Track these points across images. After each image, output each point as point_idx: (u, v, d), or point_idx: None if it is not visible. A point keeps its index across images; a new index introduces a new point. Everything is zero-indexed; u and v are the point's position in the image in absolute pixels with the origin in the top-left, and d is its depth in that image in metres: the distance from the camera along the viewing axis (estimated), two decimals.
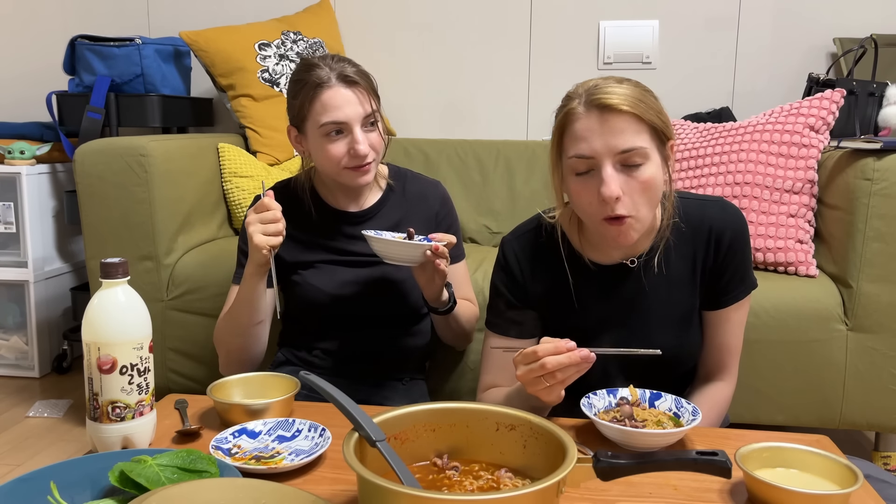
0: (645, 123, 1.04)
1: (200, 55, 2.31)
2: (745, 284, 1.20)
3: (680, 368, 1.23)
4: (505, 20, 2.54)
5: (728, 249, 1.17)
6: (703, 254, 1.18)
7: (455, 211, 1.56)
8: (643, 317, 1.18)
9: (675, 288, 1.18)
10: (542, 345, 0.98)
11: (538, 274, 1.22)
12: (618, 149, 1.03)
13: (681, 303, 1.19)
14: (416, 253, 1.26)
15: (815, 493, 0.83)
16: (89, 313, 0.94)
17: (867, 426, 1.73)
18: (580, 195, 1.08)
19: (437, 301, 1.36)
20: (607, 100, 1.03)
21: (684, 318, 1.19)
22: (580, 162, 1.06)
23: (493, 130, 2.57)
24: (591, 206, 1.07)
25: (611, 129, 1.03)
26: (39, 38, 2.79)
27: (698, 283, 1.19)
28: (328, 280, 1.43)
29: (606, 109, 1.03)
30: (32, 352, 2.45)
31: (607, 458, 0.76)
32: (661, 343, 1.12)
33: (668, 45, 2.46)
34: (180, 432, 1.02)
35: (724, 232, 1.17)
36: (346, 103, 1.31)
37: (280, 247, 1.31)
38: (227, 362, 1.44)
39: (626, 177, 1.04)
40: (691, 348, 1.22)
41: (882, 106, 2.01)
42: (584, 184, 1.07)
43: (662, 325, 1.18)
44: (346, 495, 0.87)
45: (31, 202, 2.35)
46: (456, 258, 1.51)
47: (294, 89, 1.36)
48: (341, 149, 1.33)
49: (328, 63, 1.34)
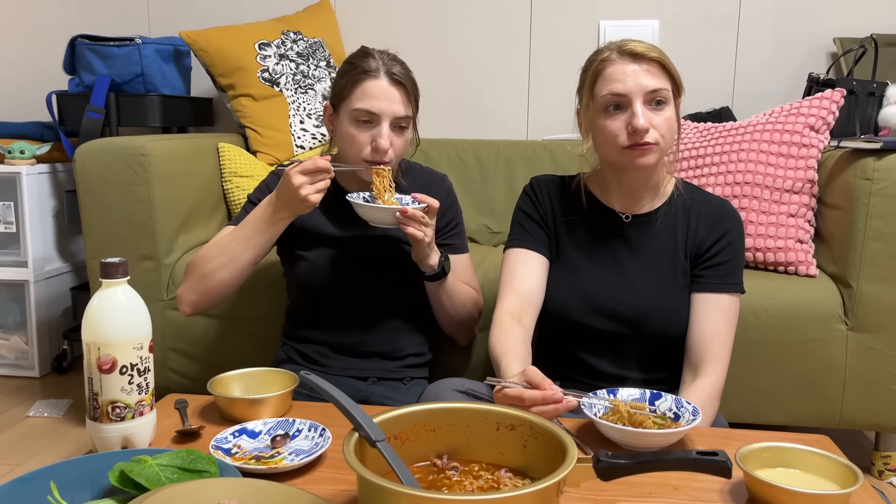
0: (667, 72, 1.24)
1: (200, 55, 2.31)
2: (734, 279, 1.29)
3: (667, 338, 1.29)
4: (505, 20, 2.54)
5: (723, 236, 1.29)
6: (697, 229, 1.31)
7: (459, 205, 1.58)
8: (637, 269, 1.30)
9: (670, 253, 1.31)
10: (529, 393, 0.97)
11: (555, 205, 1.38)
12: (648, 88, 1.21)
13: (673, 268, 1.30)
14: (387, 215, 1.31)
15: (816, 493, 0.83)
16: (89, 313, 0.94)
17: (867, 426, 1.73)
18: (610, 127, 1.23)
19: (423, 263, 1.38)
20: (638, 48, 1.22)
21: (674, 283, 1.30)
22: (613, 99, 1.22)
23: (493, 130, 2.57)
24: (619, 138, 1.22)
25: (642, 72, 1.22)
26: (39, 38, 2.79)
27: (688, 254, 1.31)
28: (330, 261, 1.45)
29: (637, 56, 1.23)
30: (32, 351, 2.45)
31: (607, 458, 0.76)
32: (650, 301, 1.28)
33: (668, 45, 2.42)
34: (180, 432, 1.03)
35: (723, 219, 1.31)
36: (383, 97, 1.35)
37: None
38: (197, 287, 1.38)
39: (651, 113, 1.22)
40: (678, 318, 1.29)
41: (882, 106, 2.01)
42: (614, 119, 1.23)
43: (653, 282, 1.29)
44: (346, 495, 0.87)
45: (31, 202, 2.35)
46: (458, 250, 1.53)
47: (343, 69, 1.41)
48: (365, 139, 1.36)
49: (382, 58, 1.39)
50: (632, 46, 1.24)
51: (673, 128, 1.25)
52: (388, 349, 1.48)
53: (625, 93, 1.21)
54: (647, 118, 1.21)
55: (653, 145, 1.22)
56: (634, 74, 1.22)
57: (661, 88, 1.23)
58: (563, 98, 2.53)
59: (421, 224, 1.31)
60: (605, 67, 1.24)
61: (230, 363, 1.45)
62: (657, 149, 1.23)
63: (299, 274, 1.47)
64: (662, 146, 1.24)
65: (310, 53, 2.39)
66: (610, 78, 1.23)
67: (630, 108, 1.22)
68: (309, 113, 2.31)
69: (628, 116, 1.22)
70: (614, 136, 1.23)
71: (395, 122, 1.37)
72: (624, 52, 1.24)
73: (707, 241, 1.30)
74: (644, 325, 1.28)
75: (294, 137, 2.27)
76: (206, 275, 1.37)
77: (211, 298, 1.40)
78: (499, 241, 2.29)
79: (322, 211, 1.47)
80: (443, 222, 1.51)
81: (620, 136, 1.23)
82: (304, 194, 1.26)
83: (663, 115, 1.23)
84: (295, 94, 2.31)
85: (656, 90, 1.22)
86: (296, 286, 1.50)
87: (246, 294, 1.76)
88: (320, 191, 1.29)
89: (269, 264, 1.62)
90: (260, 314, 1.81)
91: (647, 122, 1.20)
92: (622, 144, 1.23)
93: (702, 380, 1.23)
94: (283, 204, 1.31)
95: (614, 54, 1.24)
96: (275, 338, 1.59)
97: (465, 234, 1.58)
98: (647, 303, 1.28)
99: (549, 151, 2.31)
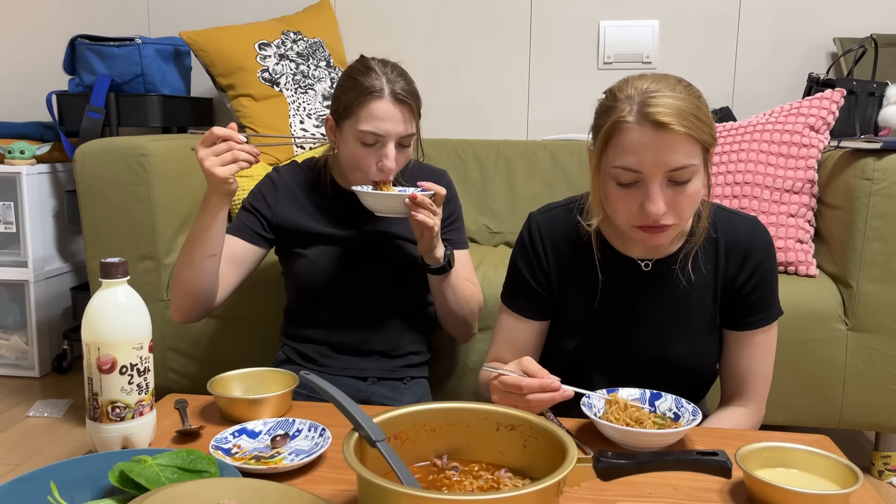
0: (698, 142, 1.01)
1: (200, 55, 2.31)
2: (769, 311, 1.16)
3: (694, 380, 1.20)
4: (505, 20, 2.54)
5: (755, 270, 1.14)
6: (726, 267, 1.15)
7: (458, 200, 1.57)
8: (660, 319, 1.16)
9: (696, 296, 1.15)
10: (527, 381, 0.97)
11: (561, 257, 1.20)
12: (669, 167, 1.00)
13: (700, 313, 1.16)
14: (396, 202, 1.29)
15: (816, 493, 0.83)
16: (89, 313, 0.94)
17: (867, 426, 1.73)
18: (620, 202, 1.05)
19: (428, 256, 1.36)
20: (662, 117, 0.98)
21: (702, 328, 1.17)
22: (626, 174, 1.02)
23: (493, 130, 2.57)
24: (629, 213, 1.05)
25: (664, 146, 0.99)
26: (39, 38, 2.79)
27: (719, 297, 1.16)
28: (329, 259, 1.45)
29: (661, 127, 0.98)
30: (32, 351, 2.45)
31: (607, 458, 0.76)
32: (675, 351, 1.13)
33: (668, 45, 2.46)
34: (180, 432, 1.02)
35: (753, 250, 1.14)
36: (390, 118, 1.33)
37: (291, 217, 1.35)
38: (176, 291, 1.37)
39: (672, 191, 1.02)
40: (706, 360, 1.19)
41: (882, 106, 2.01)
42: (626, 193, 1.04)
43: (678, 332, 1.16)
44: (346, 495, 0.87)
45: (31, 202, 2.35)
46: (458, 245, 1.52)
47: (346, 84, 1.37)
48: (371, 160, 1.35)
49: (387, 73, 1.35)
50: (656, 113, 0.98)
51: (698, 198, 1.05)
52: (387, 347, 1.49)
53: (641, 170, 1.01)
54: (665, 198, 1.01)
55: (668, 226, 1.04)
56: (655, 148, 0.99)
57: (687, 166, 1.00)
58: (564, 98, 2.54)
59: (430, 211, 1.30)
60: (621, 132, 1.02)
61: (230, 363, 1.45)
62: (674, 228, 1.05)
63: (298, 272, 1.47)
64: (681, 224, 1.06)
65: (310, 53, 2.39)
66: (625, 147, 1.01)
67: (645, 186, 1.02)
68: (309, 113, 2.31)
69: (642, 195, 1.02)
70: (625, 212, 1.05)
71: (399, 140, 1.36)
72: (646, 119, 0.99)
73: (739, 277, 1.15)
74: (666, 372, 1.15)
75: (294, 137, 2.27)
76: (177, 278, 1.35)
77: (191, 302, 1.34)
78: (499, 241, 2.29)
79: (319, 211, 1.47)
80: (443, 215, 1.50)
81: (631, 213, 1.05)
82: (208, 167, 1.19)
83: (686, 192, 1.02)
84: (295, 95, 2.31)
85: (680, 168, 1.00)
86: (294, 285, 1.50)
87: (245, 294, 1.76)
88: (227, 163, 1.20)
89: (269, 264, 1.62)
90: (260, 314, 1.81)
91: (664, 207, 1.01)
92: (632, 222, 1.06)
93: (737, 409, 1.18)
94: (208, 187, 1.24)
95: (634, 116, 1.00)
96: (275, 338, 1.59)
97: (464, 230, 1.57)
98: (670, 355, 1.16)
99: (549, 151, 2.31)
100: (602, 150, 1.05)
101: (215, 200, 1.25)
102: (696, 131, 1.00)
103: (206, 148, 1.20)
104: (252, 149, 1.23)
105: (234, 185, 1.23)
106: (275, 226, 1.47)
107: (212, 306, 1.38)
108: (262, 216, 1.46)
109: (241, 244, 1.43)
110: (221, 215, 1.28)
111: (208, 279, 1.33)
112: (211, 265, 1.32)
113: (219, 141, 1.21)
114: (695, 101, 1.02)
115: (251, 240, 1.44)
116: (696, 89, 1.05)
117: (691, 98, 1.02)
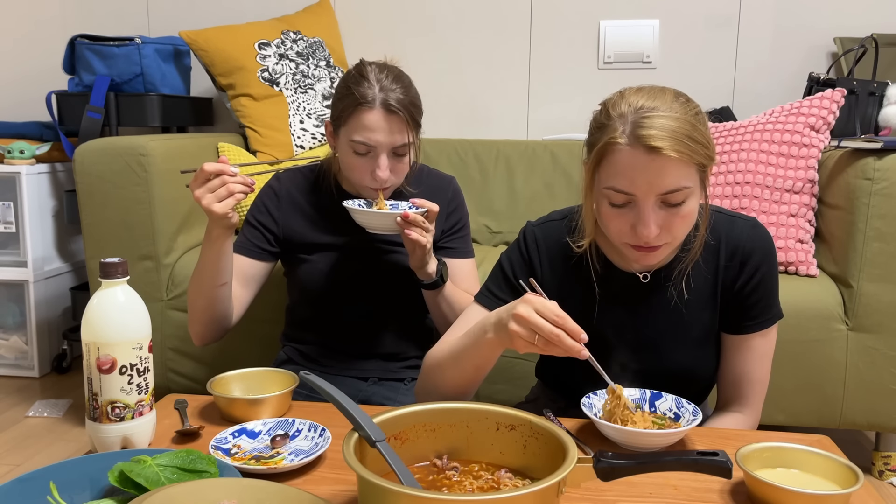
0: (693, 164, 0.98)
1: (200, 55, 2.31)
2: (769, 313, 1.14)
3: (694, 386, 1.18)
4: (505, 20, 2.54)
5: (755, 272, 1.12)
6: (726, 272, 1.13)
7: (465, 207, 1.54)
8: (659, 330, 1.14)
9: (696, 304, 1.13)
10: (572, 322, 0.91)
11: (557, 272, 1.17)
12: (662, 190, 0.97)
13: (699, 321, 1.14)
14: (387, 220, 1.29)
15: (816, 493, 0.83)
16: (89, 313, 0.94)
17: (867, 426, 1.73)
18: (612, 222, 1.03)
19: (420, 271, 1.36)
20: (655, 141, 0.94)
21: (701, 336, 1.15)
22: (618, 195, 1.00)
23: (493, 130, 2.57)
24: (622, 232, 1.03)
25: (656, 170, 0.96)
26: (39, 38, 2.79)
27: (718, 303, 1.14)
28: (332, 265, 1.44)
29: (653, 150, 0.95)
30: (32, 352, 2.45)
31: (607, 458, 0.76)
32: (675, 361, 1.13)
33: (669, 45, 2.46)
34: (180, 432, 1.02)
35: (753, 253, 1.12)
36: (380, 129, 1.30)
37: (296, 226, 1.36)
38: (192, 319, 1.39)
39: (665, 213, 1.00)
40: (705, 368, 1.18)
41: (882, 105, 2.01)
42: (618, 213, 1.02)
43: (677, 342, 1.14)
44: (346, 495, 0.87)
45: (30, 202, 2.35)
46: (463, 254, 1.51)
47: (341, 92, 1.36)
48: (365, 169, 1.34)
49: (381, 81, 1.32)
50: (649, 137, 0.95)
51: (693, 217, 1.02)
52: (389, 351, 1.48)
53: (632, 192, 0.98)
54: (658, 220, 0.99)
55: (661, 246, 1.02)
56: (646, 172, 0.96)
57: (681, 188, 0.97)
58: (564, 98, 2.54)
59: (422, 229, 1.29)
60: (613, 153, 0.99)
61: (230, 363, 1.45)
62: (667, 247, 1.04)
63: (301, 277, 1.47)
64: (675, 243, 1.04)
65: (310, 53, 2.39)
66: (616, 169, 0.99)
67: (638, 207, 0.99)
68: (309, 113, 2.30)
69: (634, 217, 1.00)
70: (617, 231, 1.03)
71: (392, 151, 1.34)
72: (638, 142, 0.96)
73: (739, 280, 1.12)
74: (665, 381, 1.12)
75: (294, 137, 2.27)
76: (192, 309, 1.37)
77: (210, 329, 1.37)
78: (499, 240, 2.29)
79: (322, 216, 1.46)
80: (448, 224, 1.49)
81: (623, 232, 1.03)
82: (206, 205, 1.19)
83: (681, 214, 1.00)
84: (295, 94, 2.31)
85: (674, 191, 0.97)
86: (297, 289, 1.50)
87: None
88: (223, 198, 1.20)
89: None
90: (260, 314, 1.80)
91: (655, 230, 0.99)
92: (625, 240, 1.04)
93: (733, 415, 1.16)
94: (209, 223, 1.25)
95: (626, 137, 0.97)
96: (275, 338, 1.59)
97: (470, 239, 1.55)
98: (670, 365, 1.14)
99: (549, 151, 2.31)
100: (595, 168, 1.03)
101: (218, 233, 1.26)
102: (691, 154, 0.96)
103: (201, 186, 1.20)
104: (246, 178, 1.23)
105: (234, 218, 1.24)
106: (281, 239, 1.46)
107: (230, 327, 1.41)
108: (267, 230, 1.45)
109: (248, 262, 1.43)
110: (227, 245, 1.29)
111: (223, 305, 1.36)
112: (223, 292, 1.34)
113: (212, 177, 1.21)
114: (691, 121, 0.98)
115: (259, 257, 1.44)
116: (694, 104, 1.02)
117: (687, 117, 0.98)
